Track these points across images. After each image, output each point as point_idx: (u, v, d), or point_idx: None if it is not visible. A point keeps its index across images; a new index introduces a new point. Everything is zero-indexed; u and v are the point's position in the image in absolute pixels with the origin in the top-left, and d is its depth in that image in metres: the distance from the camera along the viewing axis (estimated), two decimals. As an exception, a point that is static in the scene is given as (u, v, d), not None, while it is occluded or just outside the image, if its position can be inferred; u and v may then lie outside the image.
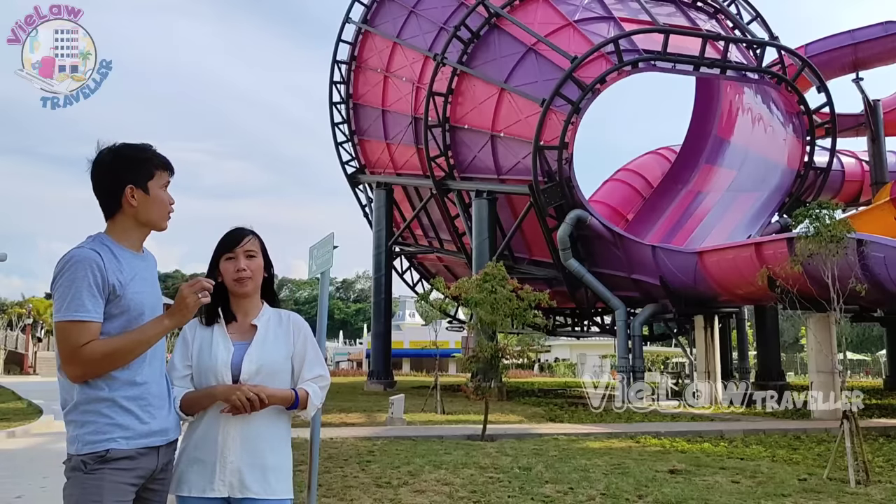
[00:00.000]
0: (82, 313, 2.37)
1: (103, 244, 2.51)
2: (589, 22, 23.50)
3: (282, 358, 2.75)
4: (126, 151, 2.60)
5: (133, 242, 2.60)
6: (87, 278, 2.39)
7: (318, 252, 5.45)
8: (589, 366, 48.56)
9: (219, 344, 2.72)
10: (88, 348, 2.37)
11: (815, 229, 9.97)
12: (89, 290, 2.39)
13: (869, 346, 60.60)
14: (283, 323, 2.83)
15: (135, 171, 2.57)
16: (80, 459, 2.40)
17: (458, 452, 9.96)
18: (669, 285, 20.92)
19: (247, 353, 2.69)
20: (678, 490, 7.51)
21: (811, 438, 12.55)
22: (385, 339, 29.60)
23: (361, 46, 30.45)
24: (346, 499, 6.94)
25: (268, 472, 2.63)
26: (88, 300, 2.38)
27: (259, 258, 2.83)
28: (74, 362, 2.39)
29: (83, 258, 2.42)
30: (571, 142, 21.62)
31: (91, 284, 2.39)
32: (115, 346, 2.42)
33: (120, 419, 2.44)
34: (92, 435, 2.41)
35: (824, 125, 24.83)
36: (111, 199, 2.57)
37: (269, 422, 2.67)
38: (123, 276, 2.48)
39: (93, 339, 2.38)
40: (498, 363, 13.46)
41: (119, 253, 2.52)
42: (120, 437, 2.43)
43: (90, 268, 2.41)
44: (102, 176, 2.58)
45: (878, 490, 7.80)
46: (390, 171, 29.69)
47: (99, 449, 2.40)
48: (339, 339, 77.11)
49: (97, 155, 2.61)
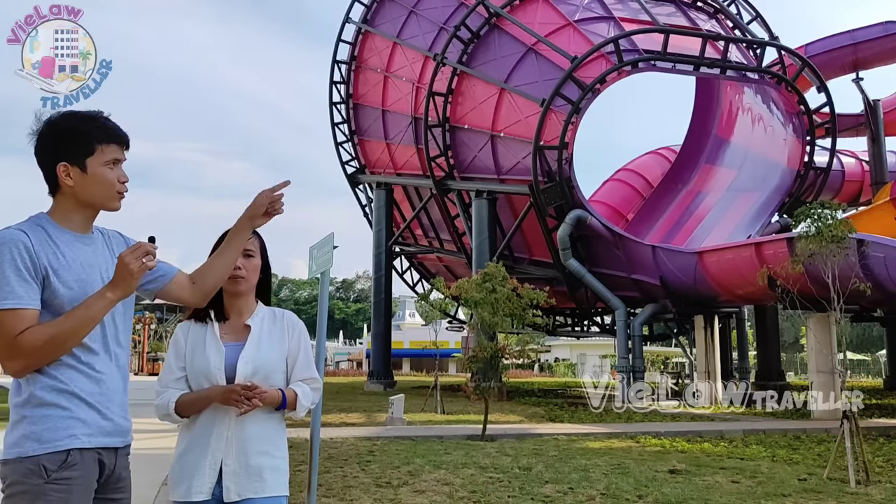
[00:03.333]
0: (13, 300, 2.10)
1: (37, 225, 2.24)
2: (589, 22, 23.50)
3: (277, 358, 2.72)
4: (63, 123, 2.30)
5: (76, 224, 2.31)
6: (15, 261, 2.12)
7: (318, 252, 5.45)
8: (589, 366, 48.61)
9: (210, 345, 2.68)
10: (27, 336, 2.10)
11: (817, 229, 9.97)
12: (18, 273, 2.12)
13: (869, 346, 60.60)
14: (278, 322, 2.79)
15: (70, 146, 2.27)
16: (39, 463, 2.10)
17: (458, 452, 9.96)
18: (669, 285, 20.92)
19: (241, 355, 2.65)
20: (678, 490, 7.51)
21: (811, 438, 12.55)
22: (385, 339, 29.60)
23: (361, 46, 30.45)
24: (346, 499, 6.93)
25: (263, 472, 2.61)
26: (18, 285, 2.11)
27: (257, 258, 2.80)
28: (14, 355, 2.12)
29: (7, 239, 2.14)
30: (571, 142, 21.62)
31: (20, 268, 2.12)
32: (57, 329, 2.13)
33: (80, 413, 2.19)
34: (50, 432, 2.14)
35: (824, 125, 24.83)
36: (48, 177, 2.30)
37: (262, 422, 2.64)
38: (59, 262, 2.20)
39: (30, 327, 2.12)
40: (498, 363, 13.46)
41: (57, 235, 2.24)
42: (82, 433, 2.18)
43: (17, 249, 2.13)
44: (39, 151, 2.30)
45: (878, 490, 7.80)
46: (390, 171, 29.69)
47: (61, 448, 2.13)
48: (339, 339, 77.09)
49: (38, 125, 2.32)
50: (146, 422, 7.28)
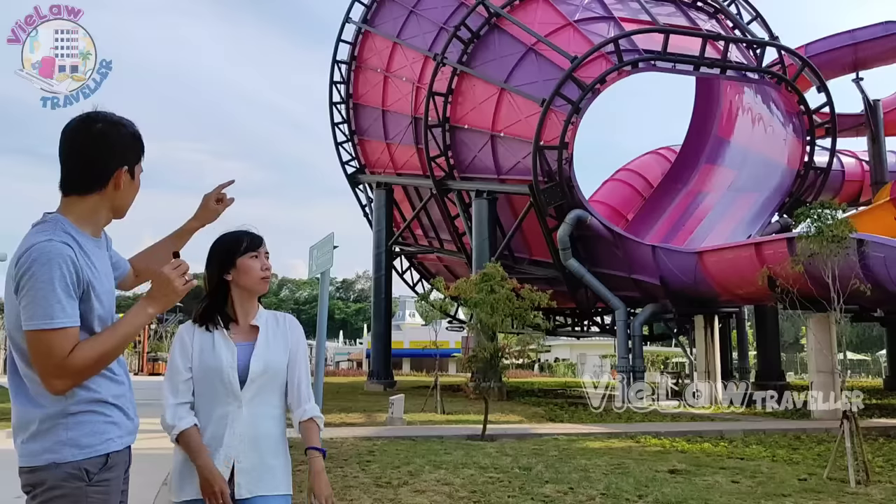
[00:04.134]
0: (63, 318, 2.04)
1: (67, 233, 2.14)
2: (589, 22, 23.50)
3: (282, 359, 2.77)
4: (129, 127, 2.29)
5: (95, 229, 2.25)
6: (64, 277, 2.06)
7: (318, 252, 5.46)
8: (589, 366, 48.56)
9: (221, 344, 2.70)
10: (78, 355, 2.07)
11: (817, 229, 9.97)
12: (66, 290, 2.06)
13: (869, 346, 60.60)
14: (280, 325, 2.84)
15: (133, 152, 2.28)
16: (81, 467, 2.10)
17: (458, 452, 9.96)
18: (669, 285, 20.91)
19: (254, 354, 2.70)
20: (678, 490, 7.51)
21: (811, 438, 12.55)
22: (385, 339, 29.60)
23: (361, 46, 30.44)
24: (346, 499, 6.93)
25: (276, 470, 2.69)
26: (68, 303, 2.06)
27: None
28: (63, 374, 2.07)
29: (56, 254, 2.06)
30: (571, 142, 21.63)
31: (68, 284, 2.06)
32: (105, 346, 2.13)
33: (115, 416, 2.21)
34: (89, 437, 2.13)
35: (824, 125, 24.83)
36: (96, 176, 2.21)
37: (273, 423, 2.71)
38: (93, 274, 2.16)
39: (76, 345, 2.08)
40: (498, 363, 13.46)
41: (84, 243, 2.17)
42: (116, 435, 2.21)
43: (65, 264, 2.06)
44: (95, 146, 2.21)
45: (878, 490, 7.80)
46: (390, 171, 29.69)
47: (100, 452, 2.14)
48: (339, 339, 77.10)
49: (89, 118, 2.24)
50: (145, 422, 7.27)
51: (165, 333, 58.98)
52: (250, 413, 2.64)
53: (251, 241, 2.79)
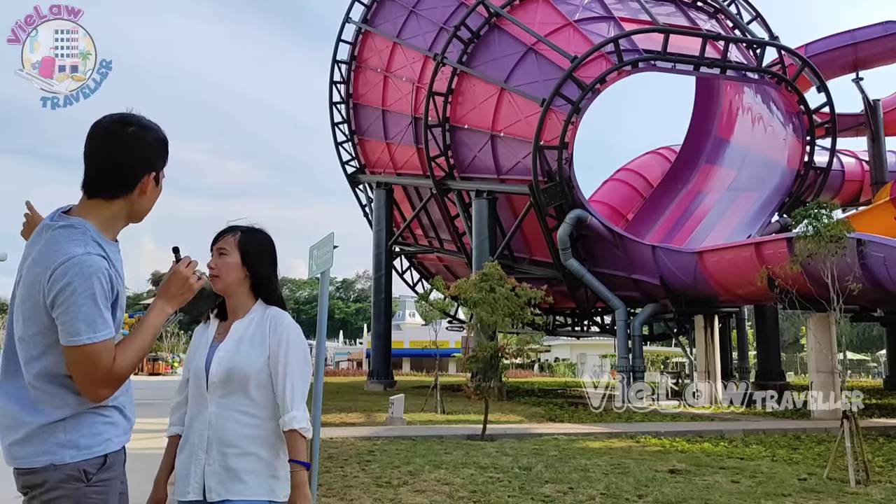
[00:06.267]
0: (108, 331, 2.08)
1: (97, 242, 2.13)
2: (589, 22, 23.50)
3: (256, 360, 2.57)
4: (159, 133, 2.23)
5: (113, 233, 2.23)
6: (105, 291, 2.08)
7: (318, 252, 5.46)
8: (589, 366, 48.59)
9: (202, 345, 2.69)
10: (118, 365, 2.11)
11: (815, 229, 9.98)
12: (105, 303, 2.08)
13: (869, 346, 60.61)
14: (264, 321, 2.63)
15: (163, 158, 2.24)
16: (79, 468, 2.09)
17: (458, 452, 9.96)
18: (669, 285, 20.92)
19: (214, 356, 2.58)
20: (678, 490, 7.51)
21: (811, 438, 12.55)
22: (385, 338, 29.59)
23: (361, 46, 30.44)
24: (346, 499, 6.94)
25: (242, 474, 2.53)
26: (106, 316, 2.09)
27: (231, 256, 2.66)
28: (109, 383, 2.11)
29: (96, 268, 2.06)
30: (571, 141, 21.62)
31: (106, 297, 2.09)
32: (140, 350, 2.18)
33: (113, 417, 2.20)
34: (87, 438, 2.13)
35: (824, 125, 24.83)
36: (124, 180, 2.17)
37: (242, 425, 2.56)
38: (119, 283, 2.17)
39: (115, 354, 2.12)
40: (498, 363, 13.46)
41: (109, 250, 2.16)
42: (114, 435, 2.19)
43: (104, 277, 2.08)
44: (126, 149, 2.17)
45: (878, 490, 7.80)
46: (390, 171, 29.69)
47: (99, 453, 2.14)
48: (339, 339, 77.13)
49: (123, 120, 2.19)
50: (146, 422, 7.28)
51: (165, 334, 58.97)
52: (217, 414, 2.55)
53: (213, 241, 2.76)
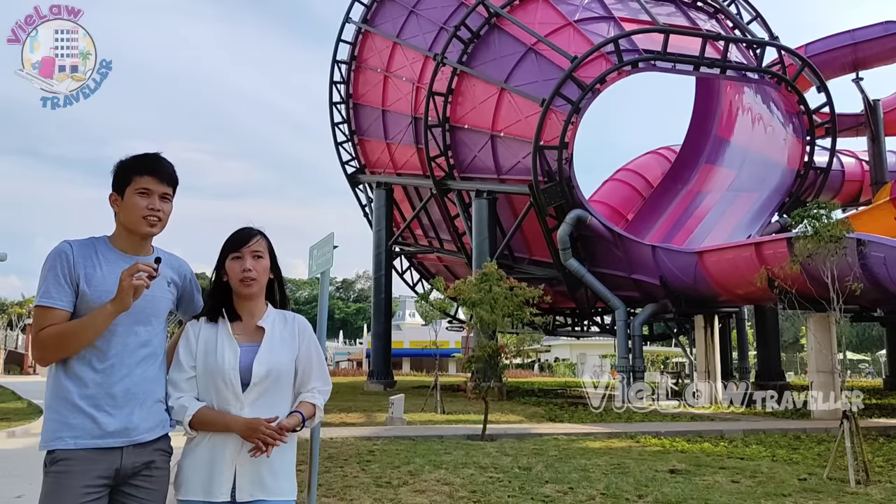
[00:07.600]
0: (46, 299, 2.52)
1: (89, 242, 2.64)
2: (589, 22, 23.50)
3: (288, 361, 2.74)
4: (123, 161, 2.70)
5: (125, 245, 2.67)
6: (55, 268, 2.54)
7: (318, 252, 5.45)
8: (589, 366, 48.54)
9: (224, 344, 2.68)
10: (45, 331, 2.50)
11: (814, 229, 9.98)
12: (55, 279, 2.53)
13: (869, 346, 60.60)
14: (289, 325, 2.81)
15: (118, 178, 2.67)
16: (44, 458, 2.51)
17: (458, 452, 9.96)
18: (669, 285, 20.91)
19: (257, 356, 2.67)
20: (678, 490, 7.51)
21: (811, 438, 12.55)
22: (385, 338, 29.59)
23: (361, 46, 30.44)
24: (346, 499, 6.94)
25: (277, 475, 2.65)
26: (54, 288, 2.53)
27: (265, 259, 2.79)
28: (35, 345, 2.54)
29: (56, 251, 2.58)
30: (571, 141, 21.62)
31: (58, 274, 2.53)
32: (64, 330, 2.50)
33: (71, 419, 2.48)
34: (47, 433, 2.52)
35: (824, 125, 24.83)
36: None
37: None
38: (94, 273, 2.57)
39: (52, 324, 2.50)
40: (497, 363, 13.46)
41: (104, 252, 2.63)
42: (68, 436, 2.47)
43: (59, 258, 2.55)
44: None
45: (878, 490, 7.80)
46: (390, 171, 29.69)
47: (48, 448, 2.50)
48: (339, 338, 77.09)
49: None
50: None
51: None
52: (253, 415, 2.59)
53: (234, 241, 2.76)
